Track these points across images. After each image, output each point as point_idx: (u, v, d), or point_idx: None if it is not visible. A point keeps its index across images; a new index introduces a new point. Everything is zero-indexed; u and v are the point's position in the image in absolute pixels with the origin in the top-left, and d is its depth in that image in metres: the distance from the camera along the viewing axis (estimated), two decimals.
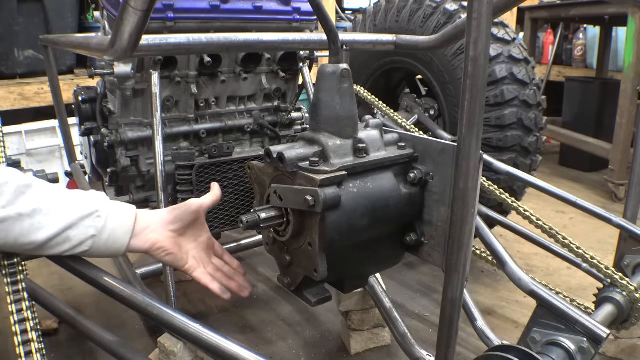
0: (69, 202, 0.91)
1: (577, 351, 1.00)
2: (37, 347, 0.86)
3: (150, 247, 0.98)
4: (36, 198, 0.87)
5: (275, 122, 1.75)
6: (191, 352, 1.21)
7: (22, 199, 0.85)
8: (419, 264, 2.10)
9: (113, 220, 0.94)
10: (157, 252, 0.99)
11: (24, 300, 0.90)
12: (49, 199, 0.89)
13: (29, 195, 0.86)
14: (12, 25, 2.72)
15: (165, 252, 0.99)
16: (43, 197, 0.88)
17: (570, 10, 3.25)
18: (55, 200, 0.89)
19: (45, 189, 0.90)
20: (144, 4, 0.87)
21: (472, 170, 0.70)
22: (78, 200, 0.92)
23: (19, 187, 0.85)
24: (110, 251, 0.95)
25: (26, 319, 0.89)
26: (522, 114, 1.83)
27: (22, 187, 0.86)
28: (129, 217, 0.96)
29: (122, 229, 0.95)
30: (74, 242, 0.90)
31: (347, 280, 1.04)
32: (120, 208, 0.97)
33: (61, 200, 0.90)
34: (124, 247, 0.96)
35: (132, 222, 0.96)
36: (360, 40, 1.66)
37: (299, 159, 0.90)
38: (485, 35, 0.65)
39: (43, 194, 0.88)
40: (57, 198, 0.90)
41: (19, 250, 0.88)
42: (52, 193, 0.90)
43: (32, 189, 0.87)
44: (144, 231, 0.98)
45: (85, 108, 1.66)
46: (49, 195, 0.89)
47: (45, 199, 0.88)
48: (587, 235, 2.43)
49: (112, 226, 0.93)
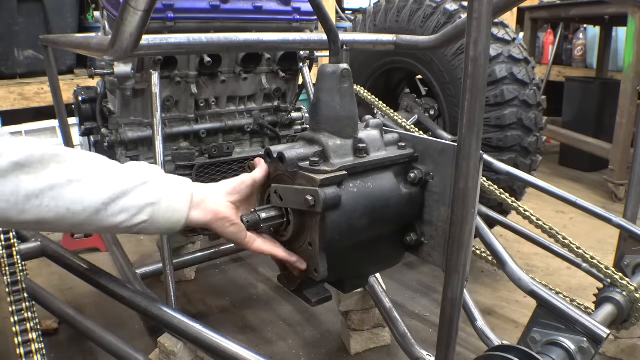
0: (122, 169, 0.85)
1: (577, 351, 1.00)
2: (37, 347, 0.86)
3: (213, 217, 0.91)
4: (85, 165, 0.81)
5: (275, 122, 1.75)
6: (191, 352, 1.21)
7: (68, 166, 0.79)
8: (419, 264, 2.10)
9: (171, 190, 0.88)
10: (220, 223, 0.92)
11: (24, 300, 0.90)
12: (99, 166, 0.83)
13: (75, 162, 0.80)
14: (12, 25, 2.72)
15: (230, 222, 0.92)
16: (93, 164, 0.82)
17: (570, 10, 3.25)
18: (107, 167, 0.84)
19: (94, 157, 0.84)
20: (144, 4, 0.87)
21: (472, 170, 0.70)
22: (131, 169, 0.87)
23: (64, 155, 0.79)
24: (170, 223, 0.88)
25: (26, 319, 0.89)
26: (522, 114, 1.83)
27: (67, 155, 0.80)
28: (186, 187, 0.90)
29: (181, 199, 0.89)
30: (132, 210, 0.83)
31: (347, 280, 1.04)
32: (176, 179, 0.91)
33: (113, 167, 0.84)
34: (183, 218, 0.89)
35: (189, 192, 0.90)
36: (360, 40, 1.66)
37: (299, 159, 0.90)
38: (485, 35, 0.65)
39: (92, 162, 0.83)
40: (108, 165, 0.84)
41: (72, 222, 0.80)
42: (102, 161, 0.85)
43: (78, 157, 0.81)
44: (204, 202, 0.92)
45: (85, 108, 1.66)
46: (99, 163, 0.83)
47: (95, 166, 0.82)
48: (587, 235, 2.43)
49: (170, 195, 0.87)
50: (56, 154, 0.79)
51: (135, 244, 2.32)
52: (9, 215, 0.74)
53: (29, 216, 0.76)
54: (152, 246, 2.26)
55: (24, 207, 0.75)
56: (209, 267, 2.10)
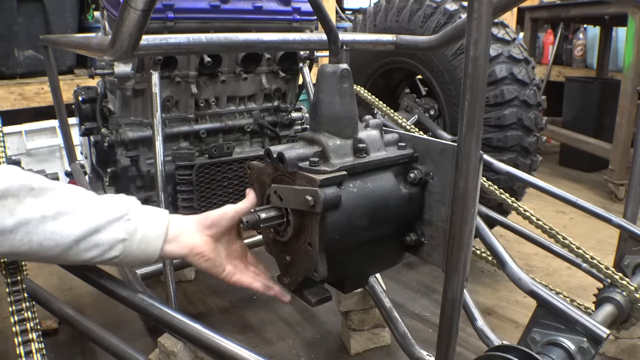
0: (97, 204, 0.86)
1: (577, 351, 1.00)
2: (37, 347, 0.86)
3: (189, 252, 0.92)
4: (60, 200, 0.82)
5: (275, 122, 1.75)
6: (191, 352, 1.21)
7: (45, 201, 0.80)
8: (419, 264, 2.10)
9: (145, 223, 0.88)
10: (195, 258, 0.93)
11: (24, 300, 0.90)
12: (74, 201, 0.83)
13: (52, 196, 0.81)
14: (12, 25, 2.72)
15: (204, 258, 0.93)
16: (68, 199, 0.83)
17: (570, 10, 3.25)
18: (81, 202, 0.84)
19: (70, 191, 0.85)
20: (144, 4, 0.87)
21: (472, 170, 0.70)
22: (106, 203, 0.87)
23: (41, 189, 0.80)
24: (143, 257, 0.89)
25: (26, 319, 0.89)
26: (522, 114, 1.83)
27: (44, 190, 0.81)
28: (161, 221, 0.91)
29: (155, 232, 0.89)
30: (104, 246, 0.84)
31: (347, 280, 1.04)
32: (151, 211, 0.91)
33: (88, 202, 0.85)
34: (157, 252, 0.90)
35: (164, 225, 0.91)
36: (360, 40, 1.66)
37: (299, 159, 0.90)
38: (485, 35, 0.65)
39: (68, 196, 0.83)
40: (83, 200, 0.85)
41: (45, 256, 0.81)
42: (78, 195, 0.85)
43: (55, 191, 0.82)
44: (180, 235, 0.92)
45: (85, 108, 1.66)
46: (74, 198, 0.84)
47: (70, 201, 0.83)
48: (587, 235, 2.43)
49: (144, 230, 0.87)
50: (32, 187, 0.80)
51: None
52: None
53: (3, 248, 0.78)
54: None
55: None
56: None
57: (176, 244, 0.92)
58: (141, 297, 1.07)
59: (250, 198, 0.99)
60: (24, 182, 0.79)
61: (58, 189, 0.83)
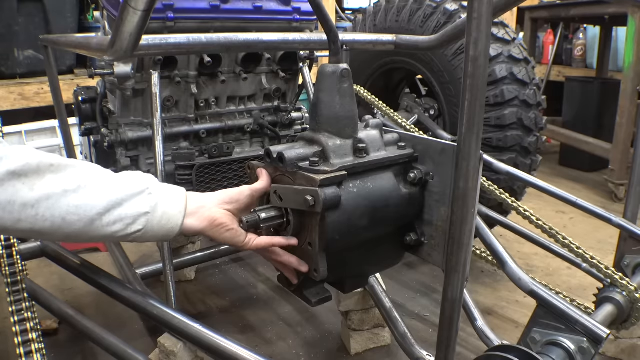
0: (117, 179, 0.86)
1: (577, 351, 1.00)
2: (37, 347, 0.86)
3: (209, 225, 0.92)
4: (81, 174, 0.82)
5: (275, 122, 1.75)
6: (191, 352, 1.21)
7: (65, 176, 0.80)
8: (419, 264, 2.10)
9: (165, 198, 0.89)
10: (216, 230, 0.93)
11: (24, 300, 0.90)
12: (94, 176, 0.83)
13: (71, 172, 0.81)
14: (12, 25, 2.72)
15: (226, 228, 0.93)
16: (88, 174, 0.83)
17: (570, 10, 3.25)
18: (102, 177, 0.84)
19: (89, 167, 0.85)
20: (144, 4, 0.87)
21: (472, 170, 0.70)
22: (126, 179, 0.87)
23: (60, 165, 0.80)
24: (164, 231, 0.89)
25: (26, 319, 0.89)
26: (522, 114, 1.83)
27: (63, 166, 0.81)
28: (180, 195, 0.91)
29: (176, 207, 0.89)
30: (127, 220, 0.84)
31: (347, 280, 1.04)
32: (170, 188, 0.92)
33: (108, 177, 0.85)
34: (178, 226, 0.90)
35: (184, 200, 0.91)
36: (360, 40, 1.66)
37: (299, 159, 0.90)
38: (485, 35, 0.65)
39: (87, 172, 0.83)
40: (103, 176, 0.85)
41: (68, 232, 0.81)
42: (97, 171, 0.85)
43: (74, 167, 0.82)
44: (200, 210, 0.93)
45: (85, 108, 1.66)
46: (93, 173, 0.84)
47: (90, 176, 0.83)
48: (587, 235, 2.43)
49: (164, 204, 0.88)
50: (52, 164, 0.79)
51: (136, 244, 2.32)
52: (5, 224, 0.75)
53: (24, 225, 0.76)
54: (152, 246, 2.26)
55: (20, 216, 0.75)
56: (209, 267, 2.10)
57: (196, 218, 0.92)
58: (141, 297, 1.07)
59: (264, 178, 0.98)
60: (42, 159, 0.79)
61: (77, 165, 0.83)
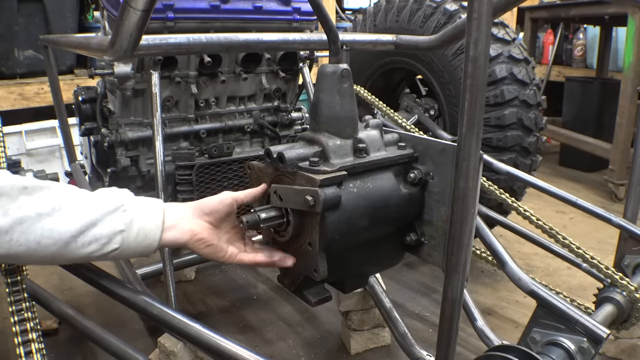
0: (91, 199, 0.85)
1: (577, 351, 1.00)
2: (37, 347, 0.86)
3: (190, 238, 0.91)
4: (54, 197, 0.81)
5: (275, 122, 1.75)
6: (191, 352, 1.21)
7: (38, 198, 0.79)
8: (419, 264, 2.10)
9: (141, 213, 0.87)
10: (196, 244, 0.92)
11: (24, 300, 0.90)
12: (68, 197, 0.82)
13: (45, 194, 0.80)
14: (12, 25, 2.72)
15: (206, 244, 0.92)
16: (61, 196, 0.82)
17: (570, 10, 3.25)
18: (75, 198, 0.83)
19: (62, 189, 0.83)
20: (144, 4, 0.87)
21: (472, 170, 0.70)
22: (100, 197, 0.86)
23: (33, 187, 0.79)
24: (142, 247, 0.87)
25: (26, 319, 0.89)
26: (522, 114, 1.83)
27: (37, 188, 0.80)
28: (157, 210, 0.89)
29: (152, 222, 0.88)
30: (102, 240, 0.83)
31: (347, 280, 1.04)
32: (146, 202, 0.90)
33: (81, 198, 0.84)
34: (156, 242, 0.88)
35: (161, 214, 0.90)
36: (360, 40, 1.66)
37: (299, 159, 0.90)
38: (485, 35, 0.65)
39: (61, 193, 0.82)
40: (76, 196, 0.83)
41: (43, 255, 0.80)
42: (71, 192, 0.84)
43: (48, 189, 0.81)
44: (179, 223, 0.91)
45: (85, 108, 1.66)
46: (67, 194, 0.83)
47: (64, 198, 0.82)
48: (587, 235, 2.43)
49: (140, 220, 0.86)
50: (25, 186, 0.79)
51: None
52: None
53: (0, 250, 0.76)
54: None
55: None
56: (209, 267, 2.10)
57: (175, 232, 0.90)
58: (141, 297, 1.07)
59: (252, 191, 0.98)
60: (15, 182, 0.78)
61: (50, 187, 0.82)
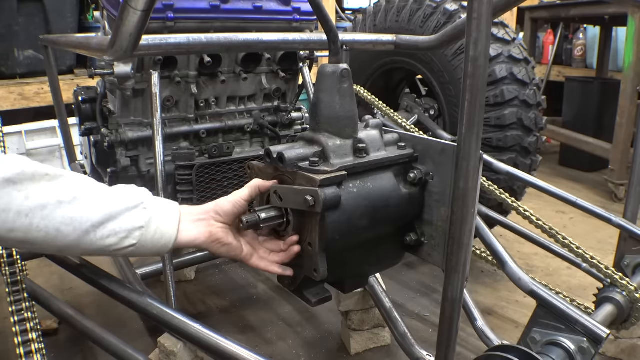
0: (111, 193, 0.85)
1: (577, 351, 1.00)
2: (37, 347, 0.86)
3: (206, 239, 0.92)
4: (76, 186, 0.81)
5: (275, 122, 1.75)
6: (191, 352, 1.21)
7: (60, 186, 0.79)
8: (419, 264, 2.10)
9: (159, 213, 0.88)
10: (212, 245, 0.93)
11: (24, 300, 0.90)
12: (89, 188, 0.83)
13: (66, 182, 0.80)
14: (12, 25, 2.72)
15: (221, 244, 0.93)
16: (83, 186, 0.82)
17: (570, 10, 3.25)
18: (97, 190, 0.84)
19: (84, 179, 0.84)
20: (144, 4, 0.87)
21: (472, 170, 0.70)
22: (121, 192, 0.87)
23: (55, 175, 0.80)
24: (158, 247, 0.88)
25: (26, 319, 0.89)
26: (522, 114, 1.83)
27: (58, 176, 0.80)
28: (174, 211, 0.91)
29: (169, 223, 0.89)
30: (121, 234, 0.83)
31: (347, 280, 1.04)
32: (164, 203, 0.91)
33: (102, 190, 0.84)
34: (171, 242, 0.89)
35: (177, 216, 0.91)
36: (360, 40, 1.66)
37: (299, 159, 0.90)
38: (485, 35, 0.65)
39: (83, 183, 0.83)
40: (98, 188, 0.84)
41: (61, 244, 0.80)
42: (92, 184, 0.85)
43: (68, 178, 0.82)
44: (194, 224, 0.92)
45: (85, 108, 1.66)
46: (89, 185, 0.84)
47: (85, 188, 0.82)
48: (587, 235, 2.43)
49: (159, 219, 0.87)
50: (47, 173, 0.79)
51: None
52: None
53: (18, 234, 0.75)
54: None
55: (14, 225, 0.75)
56: (209, 267, 2.10)
57: (191, 232, 0.91)
58: (141, 297, 1.07)
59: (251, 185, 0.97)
60: (37, 168, 0.78)
61: (72, 176, 0.82)
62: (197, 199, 1.48)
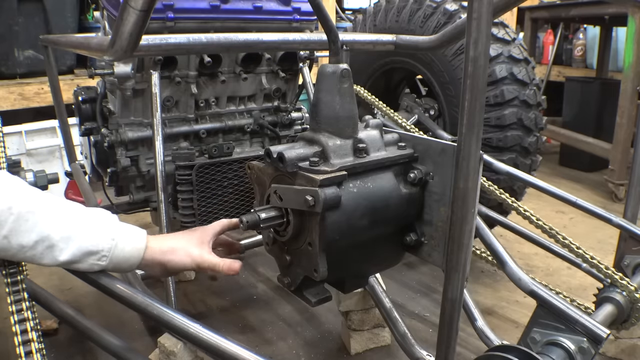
0: (76, 229, 0.90)
1: (577, 351, 1.00)
2: (37, 347, 0.86)
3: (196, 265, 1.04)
4: (39, 227, 0.86)
5: (275, 122, 1.75)
6: (191, 352, 1.21)
7: (24, 229, 0.84)
8: (419, 264, 2.10)
9: (120, 251, 0.96)
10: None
11: (24, 300, 0.90)
12: (53, 227, 0.87)
13: (31, 223, 0.85)
14: (12, 25, 2.72)
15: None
16: (47, 226, 0.87)
17: (570, 10, 3.25)
18: (60, 228, 0.88)
19: (50, 216, 0.88)
20: (144, 4, 0.87)
21: (472, 170, 0.70)
22: (85, 230, 0.91)
23: (21, 214, 0.84)
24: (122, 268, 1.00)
25: (26, 319, 0.89)
26: (522, 114, 1.83)
27: (25, 214, 0.84)
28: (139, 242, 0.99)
29: (129, 262, 0.98)
30: (82, 269, 0.94)
31: (347, 280, 1.04)
32: (130, 236, 0.98)
33: (67, 227, 0.89)
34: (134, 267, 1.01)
35: (141, 253, 0.98)
36: (360, 40, 1.66)
37: (299, 159, 0.90)
38: (485, 35, 0.65)
39: (47, 222, 0.87)
40: (62, 225, 0.88)
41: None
42: (57, 220, 0.88)
43: (35, 216, 0.85)
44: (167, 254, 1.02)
45: (85, 108, 1.66)
46: (53, 223, 0.88)
47: (49, 228, 0.87)
48: (587, 235, 2.43)
49: (118, 260, 0.96)
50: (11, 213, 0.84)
51: None
52: None
53: None
54: None
55: None
56: None
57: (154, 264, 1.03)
58: (141, 297, 1.06)
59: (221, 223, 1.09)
60: (5, 204, 0.83)
61: (38, 213, 0.87)
62: (196, 199, 1.48)
